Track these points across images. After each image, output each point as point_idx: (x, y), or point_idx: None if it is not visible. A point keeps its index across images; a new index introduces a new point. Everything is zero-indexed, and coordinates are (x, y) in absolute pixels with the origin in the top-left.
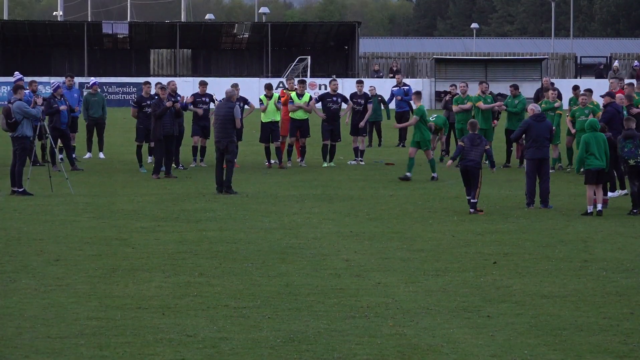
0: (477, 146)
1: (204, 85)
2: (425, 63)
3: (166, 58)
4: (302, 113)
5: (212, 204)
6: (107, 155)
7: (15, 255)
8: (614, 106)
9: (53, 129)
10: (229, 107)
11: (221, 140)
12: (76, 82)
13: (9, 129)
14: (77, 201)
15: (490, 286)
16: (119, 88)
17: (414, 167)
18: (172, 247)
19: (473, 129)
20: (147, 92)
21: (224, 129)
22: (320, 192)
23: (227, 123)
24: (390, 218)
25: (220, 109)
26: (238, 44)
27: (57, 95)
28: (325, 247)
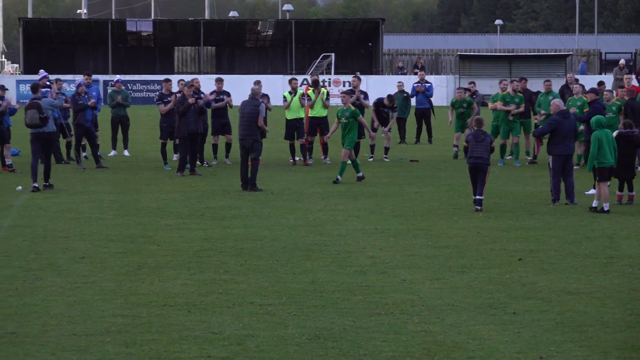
0: (481, 142)
1: (221, 82)
2: (449, 59)
3: (190, 55)
4: (321, 110)
5: (237, 201)
6: (132, 153)
7: (41, 252)
8: (599, 103)
9: (77, 126)
10: (254, 104)
11: (246, 138)
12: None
13: (41, 123)
14: (102, 199)
15: (516, 283)
16: (143, 86)
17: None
18: (197, 245)
19: (479, 126)
20: (168, 89)
21: (248, 126)
22: (345, 189)
23: (252, 121)
24: (415, 215)
25: (246, 106)
26: (262, 41)
27: (81, 93)
28: (350, 244)
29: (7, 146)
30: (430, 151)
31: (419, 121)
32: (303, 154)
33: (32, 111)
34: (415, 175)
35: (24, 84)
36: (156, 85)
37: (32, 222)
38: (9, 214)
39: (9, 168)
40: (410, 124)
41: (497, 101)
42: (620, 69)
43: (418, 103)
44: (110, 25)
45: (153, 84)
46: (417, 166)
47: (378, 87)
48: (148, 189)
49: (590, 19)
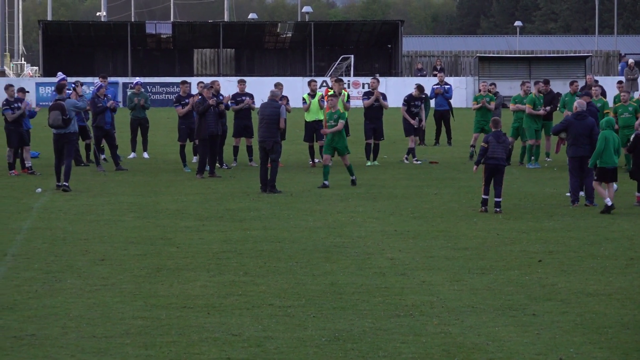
0: (502, 143)
1: (243, 84)
2: (468, 61)
3: (209, 58)
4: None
5: (257, 203)
6: (151, 155)
7: (61, 255)
8: (592, 105)
9: (97, 128)
10: (275, 106)
11: (266, 140)
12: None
13: (64, 125)
14: (121, 201)
15: (536, 284)
16: (162, 88)
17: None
18: (217, 247)
19: (496, 126)
20: (185, 91)
21: (269, 129)
22: (364, 191)
23: (272, 123)
24: (435, 216)
25: (266, 108)
26: (281, 43)
27: (100, 95)
28: (370, 245)
29: (26, 149)
30: (449, 153)
31: (438, 123)
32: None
33: (55, 112)
34: (435, 176)
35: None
36: (175, 87)
37: (52, 225)
38: (28, 216)
39: (28, 170)
40: (429, 125)
41: (518, 103)
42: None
43: (437, 105)
44: (129, 27)
45: (172, 87)
46: (437, 168)
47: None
48: (167, 191)
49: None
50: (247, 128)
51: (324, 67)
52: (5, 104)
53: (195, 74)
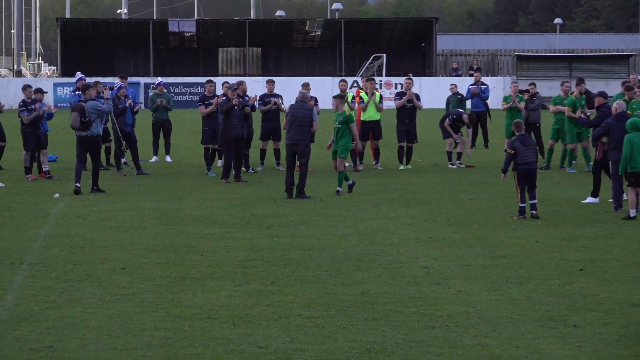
0: (529, 146)
1: (272, 84)
2: (506, 60)
3: (235, 57)
4: (374, 113)
5: (284, 209)
6: (174, 159)
7: (80, 263)
8: (607, 107)
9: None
10: (307, 108)
11: (298, 143)
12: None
13: (82, 127)
14: (142, 207)
15: (577, 294)
16: (186, 88)
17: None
18: (243, 254)
19: (519, 129)
20: (210, 90)
21: (300, 131)
22: (397, 196)
23: (304, 125)
24: (471, 223)
25: (297, 110)
26: (310, 41)
27: (120, 96)
28: (403, 253)
29: (43, 152)
30: (486, 156)
31: (474, 125)
32: (353, 160)
33: (75, 114)
34: (471, 181)
35: (62, 87)
36: (199, 88)
37: (70, 231)
38: (46, 222)
39: (46, 175)
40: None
41: (558, 104)
42: None
43: (473, 106)
44: (151, 25)
45: (196, 87)
46: (473, 172)
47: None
48: (191, 196)
49: None
50: (275, 130)
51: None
52: (22, 105)
53: (220, 73)
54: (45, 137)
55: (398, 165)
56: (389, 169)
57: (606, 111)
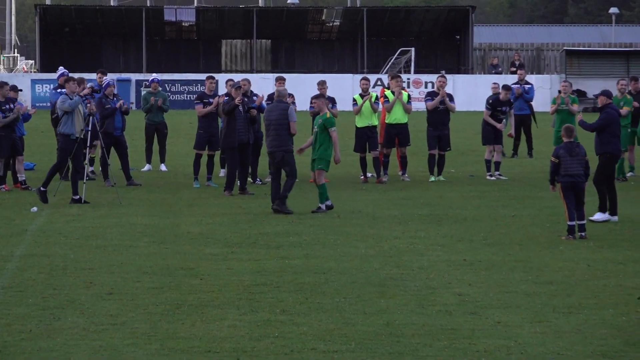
0: (575, 156)
1: (282, 82)
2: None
3: (241, 50)
4: (401, 116)
5: (297, 226)
6: (170, 167)
7: (61, 287)
8: (612, 107)
9: (105, 135)
10: (282, 108)
11: (275, 151)
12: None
13: (53, 124)
14: (133, 223)
15: (635, 326)
16: (183, 87)
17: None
18: (249, 278)
19: (568, 136)
20: (211, 88)
21: (277, 136)
22: (427, 212)
23: (280, 129)
24: (512, 243)
25: (271, 112)
26: (327, 33)
27: (109, 95)
28: (434, 278)
29: (19, 159)
30: (530, 166)
31: (517, 130)
32: (377, 170)
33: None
34: (512, 195)
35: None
36: (199, 86)
37: (50, 251)
38: (22, 240)
39: (22, 185)
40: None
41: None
42: None
43: (516, 108)
44: (144, 13)
45: (196, 85)
46: (515, 185)
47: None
48: (189, 211)
49: None
50: None
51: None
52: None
53: (224, 69)
54: (21, 142)
55: (428, 177)
56: (417, 181)
57: (610, 112)
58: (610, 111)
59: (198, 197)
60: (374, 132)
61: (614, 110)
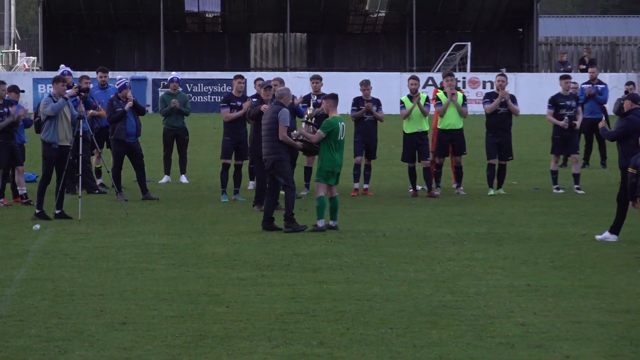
0: None
1: (318, 81)
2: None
3: (272, 45)
4: (456, 120)
5: (336, 246)
6: (192, 179)
7: (67, 316)
8: (636, 114)
9: (116, 142)
10: (274, 110)
11: (266, 157)
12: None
13: (36, 130)
14: (150, 242)
15: None
16: (207, 87)
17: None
18: (281, 306)
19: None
20: (239, 89)
21: (267, 142)
22: (486, 231)
23: (271, 133)
24: (583, 266)
25: (265, 114)
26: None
27: (122, 97)
28: (493, 306)
29: (19, 169)
30: (603, 178)
31: (588, 136)
32: (427, 182)
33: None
34: (583, 211)
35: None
36: (225, 86)
37: (55, 274)
38: (23, 262)
39: (22, 199)
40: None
41: None
42: None
43: (587, 112)
44: (162, 3)
45: (221, 85)
46: (586, 199)
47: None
48: (214, 228)
49: None
50: None
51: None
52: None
53: (253, 67)
54: (21, 150)
55: (487, 190)
56: (474, 195)
57: (633, 119)
58: (633, 117)
59: (223, 212)
60: (424, 139)
61: (637, 117)
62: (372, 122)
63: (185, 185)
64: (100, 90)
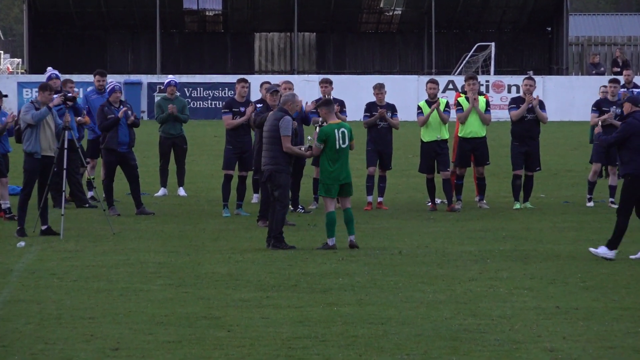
0: None
1: (327, 85)
2: None
3: (278, 46)
4: (478, 128)
5: (348, 264)
6: (191, 192)
7: (54, 342)
8: (636, 117)
9: (107, 151)
10: (276, 117)
11: (264, 167)
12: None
13: (16, 139)
14: (145, 260)
15: None
16: (207, 91)
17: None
18: (288, 330)
19: None
20: (242, 94)
21: (267, 150)
22: (511, 248)
23: (271, 142)
24: (617, 287)
25: (267, 122)
26: (386, 24)
27: (113, 102)
28: (519, 330)
29: (3, 181)
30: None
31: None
32: (447, 195)
33: None
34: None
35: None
36: (227, 91)
37: (41, 296)
38: (6, 282)
39: (6, 214)
40: None
41: None
42: None
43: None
44: (158, 1)
45: (222, 89)
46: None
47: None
48: (214, 245)
49: None
50: None
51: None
52: None
53: (257, 69)
54: (5, 161)
55: (512, 203)
56: (498, 208)
57: (632, 122)
58: (632, 121)
59: (225, 228)
60: (444, 148)
61: (638, 121)
62: (387, 130)
63: (184, 199)
64: (97, 95)
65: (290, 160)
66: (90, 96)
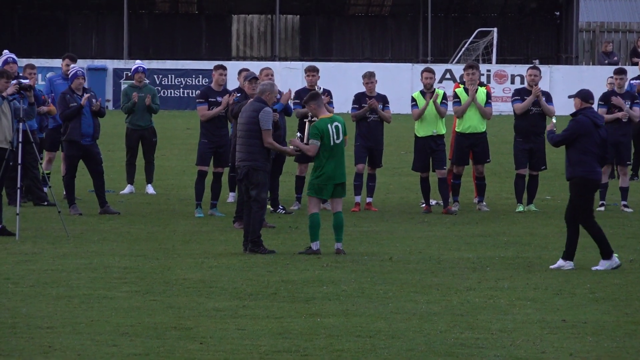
0: None
1: (313, 74)
2: None
3: (258, 30)
4: (478, 122)
5: (333, 271)
6: (160, 190)
7: (8, 353)
8: (586, 115)
9: (69, 144)
10: (254, 109)
11: (239, 164)
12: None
13: None
14: (109, 264)
15: None
16: (179, 79)
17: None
18: (267, 343)
19: None
20: (219, 82)
21: (243, 145)
22: (513, 255)
23: (248, 136)
24: (630, 299)
25: (243, 112)
26: (377, 7)
27: (76, 89)
28: (521, 345)
29: None
30: None
31: (637, 143)
32: (444, 195)
33: None
34: (630, 232)
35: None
36: (202, 77)
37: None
38: None
39: None
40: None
41: None
42: None
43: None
44: None
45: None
46: (634, 217)
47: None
48: (186, 249)
49: None
50: None
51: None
52: None
53: (234, 56)
54: None
55: (515, 205)
56: (499, 211)
57: (581, 120)
58: (581, 119)
59: (198, 230)
60: (440, 144)
61: (589, 119)
62: (377, 123)
63: (152, 197)
64: (63, 80)
65: (268, 156)
66: (55, 81)
